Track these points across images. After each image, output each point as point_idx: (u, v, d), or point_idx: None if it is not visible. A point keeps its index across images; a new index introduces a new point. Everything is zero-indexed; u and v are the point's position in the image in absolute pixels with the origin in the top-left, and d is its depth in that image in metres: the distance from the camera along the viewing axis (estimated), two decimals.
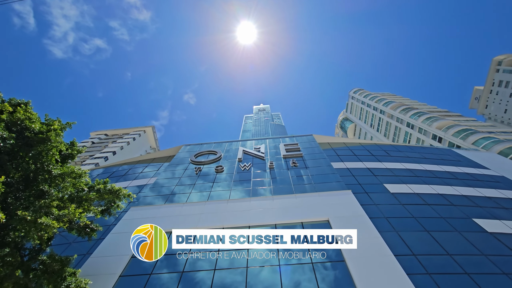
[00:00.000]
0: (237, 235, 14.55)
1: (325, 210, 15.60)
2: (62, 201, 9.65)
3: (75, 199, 10.38)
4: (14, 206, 8.04)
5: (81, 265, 12.86)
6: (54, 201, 8.66)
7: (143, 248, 11.95)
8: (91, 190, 11.02)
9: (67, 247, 15.60)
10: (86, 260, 13.64)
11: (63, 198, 9.84)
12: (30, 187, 9.25)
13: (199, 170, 23.06)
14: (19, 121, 9.11)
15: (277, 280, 11.39)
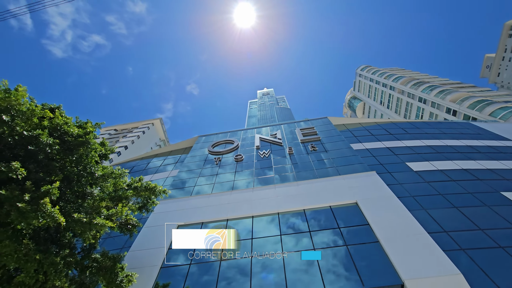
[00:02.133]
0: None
1: (352, 193, 15.74)
2: (104, 200, 9.95)
3: (115, 198, 10.69)
4: (65, 209, 8.35)
5: (121, 260, 13.37)
6: (102, 201, 8.95)
7: (216, 247, 13.23)
8: (129, 188, 11.31)
9: (101, 243, 16.22)
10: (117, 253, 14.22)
11: (105, 198, 10.13)
12: (71, 189, 9.54)
13: (218, 160, 23.30)
14: (58, 126, 9.28)
15: (315, 265, 11.70)
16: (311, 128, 26.51)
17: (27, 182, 7.02)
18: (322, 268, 11.47)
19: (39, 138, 8.00)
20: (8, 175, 6.63)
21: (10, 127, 7.54)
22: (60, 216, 7.12)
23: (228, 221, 15.49)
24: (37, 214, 6.71)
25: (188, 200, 17.96)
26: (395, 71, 73.45)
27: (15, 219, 6.61)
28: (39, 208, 6.74)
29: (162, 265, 13.24)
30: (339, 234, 13.19)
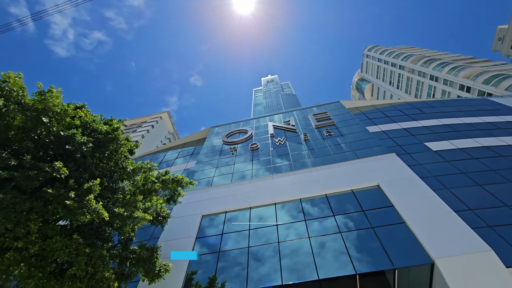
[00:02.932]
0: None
1: (372, 176, 15.75)
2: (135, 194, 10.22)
3: (145, 191, 10.97)
4: (106, 204, 8.63)
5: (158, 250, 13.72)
6: (138, 195, 9.22)
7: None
8: (157, 181, 11.56)
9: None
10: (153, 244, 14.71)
11: (135, 192, 10.40)
12: (105, 184, 9.82)
13: (234, 150, 23.47)
14: (88, 124, 9.47)
15: (342, 248, 11.90)
16: (324, 113, 26.31)
17: (70, 180, 7.26)
18: (351, 250, 11.67)
19: (74, 137, 8.20)
20: (52, 174, 6.87)
21: (47, 128, 7.73)
22: (104, 211, 7.38)
23: (251, 209, 15.77)
24: (83, 210, 6.98)
25: (209, 191, 18.27)
26: (404, 50, 71.46)
27: (63, 216, 6.89)
28: (85, 205, 7.00)
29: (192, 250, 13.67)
30: (364, 216, 13.32)
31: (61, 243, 6.90)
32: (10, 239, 6.59)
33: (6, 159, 6.47)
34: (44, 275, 6.85)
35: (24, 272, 6.48)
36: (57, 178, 7.42)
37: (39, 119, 7.34)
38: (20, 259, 6.64)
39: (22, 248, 6.78)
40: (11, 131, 7.14)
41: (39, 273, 6.67)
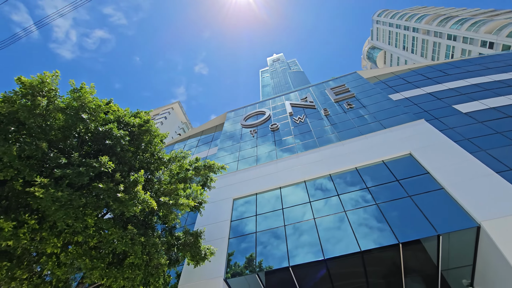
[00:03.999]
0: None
1: (403, 144, 15.32)
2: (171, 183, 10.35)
3: (180, 180, 11.10)
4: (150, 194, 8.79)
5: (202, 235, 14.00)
6: (179, 183, 9.36)
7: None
8: (191, 169, 11.66)
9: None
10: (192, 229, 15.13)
11: (171, 181, 10.52)
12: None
13: (254, 132, 23.35)
14: (120, 118, 9.51)
15: (381, 218, 11.81)
16: (342, 86, 25.52)
17: (117, 174, 7.39)
18: (390, 220, 11.56)
19: (111, 132, 8.26)
20: (100, 169, 6.99)
21: (86, 125, 7.81)
22: (153, 201, 7.52)
23: (282, 188, 15.82)
24: (134, 201, 7.12)
25: (236, 175, 18.41)
26: (417, 10, 67.47)
27: (116, 208, 7.06)
28: (135, 196, 7.13)
29: (229, 236, 14.00)
30: (399, 186, 13.09)
31: (117, 234, 7.12)
32: (70, 234, 6.84)
33: (56, 158, 6.61)
34: (105, 265, 7.14)
35: (88, 264, 6.76)
36: (103, 173, 7.56)
37: (79, 116, 7.40)
38: (81, 252, 6.92)
39: (82, 242, 7.04)
40: (54, 131, 7.25)
41: (101, 264, 6.95)
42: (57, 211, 6.06)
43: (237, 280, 12.10)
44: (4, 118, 6.39)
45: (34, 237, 6.42)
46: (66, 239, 6.84)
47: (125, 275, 7.19)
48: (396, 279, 11.93)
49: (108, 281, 7.12)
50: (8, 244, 6.18)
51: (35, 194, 5.84)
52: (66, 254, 6.72)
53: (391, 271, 11.92)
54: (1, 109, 6.33)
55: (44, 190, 5.81)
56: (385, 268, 11.93)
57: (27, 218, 6.06)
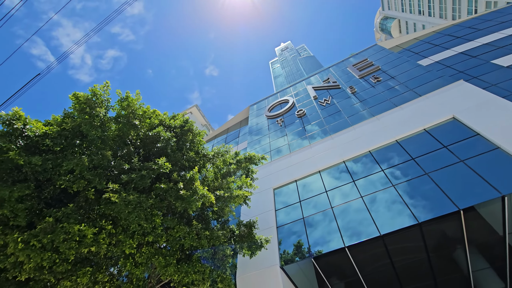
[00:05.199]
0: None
1: (444, 109, 14.53)
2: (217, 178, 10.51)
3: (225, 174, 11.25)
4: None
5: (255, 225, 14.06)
6: (229, 177, 9.52)
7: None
8: (233, 162, 11.80)
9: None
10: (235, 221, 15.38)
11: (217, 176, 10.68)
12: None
13: (281, 121, 23.21)
14: (163, 122, 9.78)
15: (435, 188, 11.33)
16: (364, 61, 24.61)
17: (174, 173, 7.62)
18: (446, 188, 11.05)
19: (159, 135, 8.52)
20: (160, 171, 7.24)
21: (137, 131, 8.11)
22: (211, 195, 7.69)
23: (321, 172, 15.64)
24: (195, 198, 7.32)
25: (272, 165, 18.43)
26: None
27: (178, 206, 7.29)
28: (195, 192, 7.33)
29: (277, 225, 14.08)
30: (447, 152, 12.45)
31: (183, 231, 7.37)
32: (140, 235, 7.15)
33: (120, 164, 6.94)
34: (177, 261, 7.42)
35: (162, 261, 7.04)
36: (160, 174, 7.82)
37: (131, 123, 7.71)
38: (153, 252, 7.23)
39: (152, 242, 7.34)
40: (110, 141, 7.60)
41: (173, 261, 7.22)
42: (130, 214, 6.36)
43: (292, 266, 12.18)
44: (69, 133, 6.79)
45: (111, 242, 6.78)
46: (138, 241, 7.17)
47: (196, 269, 7.43)
48: (459, 252, 11.43)
49: (179, 276, 7.40)
50: (91, 250, 6.58)
51: (111, 199, 6.18)
52: (140, 255, 7.05)
53: (453, 243, 11.44)
54: (66, 125, 6.73)
55: (117, 195, 6.12)
56: (447, 240, 11.47)
57: (104, 224, 6.42)
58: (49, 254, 5.85)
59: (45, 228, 5.61)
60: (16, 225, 6.16)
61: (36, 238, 5.59)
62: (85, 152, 6.89)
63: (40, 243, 5.65)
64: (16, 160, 5.72)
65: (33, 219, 6.29)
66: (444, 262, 11.98)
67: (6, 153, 5.88)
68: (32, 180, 6.32)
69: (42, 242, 5.64)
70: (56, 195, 6.95)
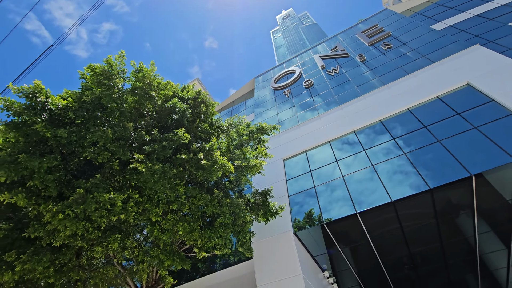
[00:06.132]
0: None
1: (458, 75, 14.19)
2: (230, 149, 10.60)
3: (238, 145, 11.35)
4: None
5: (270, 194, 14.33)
6: (238, 149, 9.65)
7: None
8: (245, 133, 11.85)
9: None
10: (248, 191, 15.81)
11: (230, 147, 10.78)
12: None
13: (289, 93, 22.89)
14: (176, 94, 9.69)
15: (446, 154, 11.40)
16: (374, 27, 23.62)
17: (193, 144, 7.71)
18: (458, 155, 11.13)
19: (175, 106, 8.50)
20: (180, 141, 7.32)
21: (153, 103, 8.09)
22: (231, 164, 7.84)
23: (331, 142, 15.70)
24: (215, 167, 7.46)
25: (281, 136, 18.49)
26: None
27: (200, 176, 7.46)
28: (215, 162, 7.46)
29: (288, 194, 14.46)
30: (461, 119, 12.36)
31: (205, 199, 7.61)
32: (165, 204, 7.41)
33: (141, 136, 7.02)
34: (200, 228, 7.74)
35: (186, 227, 7.35)
36: (180, 145, 7.92)
37: (148, 95, 7.66)
38: (178, 219, 7.52)
39: (176, 210, 7.61)
40: (129, 113, 7.60)
41: (197, 227, 7.54)
42: (156, 183, 6.55)
43: (304, 232, 12.71)
44: (90, 105, 6.79)
45: (138, 210, 7.04)
46: (163, 209, 7.44)
47: (218, 234, 7.78)
48: (467, 217, 11.78)
49: (203, 241, 7.77)
50: (120, 218, 6.86)
51: (136, 169, 6.33)
52: (166, 222, 7.35)
53: (462, 209, 11.77)
54: (86, 97, 6.70)
55: (144, 165, 6.26)
56: (456, 205, 11.78)
57: (131, 193, 6.63)
58: (83, 223, 6.13)
59: (77, 199, 5.82)
60: (48, 196, 6.39)
61: (70, 208, 5.82)
62: (105, 124, 6.93)
63: (74, 213, 5.90)
64: (43, 133, 5.79)
65: (63, 189, 6.50)
66: (451, 226, 12.42)
67: (32, 126, 5.94)
68: (58, 152, 6.44)
69: (75, 212, 5.87)
70: (81, 167, 7.11)
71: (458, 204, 11.80)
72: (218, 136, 10.41)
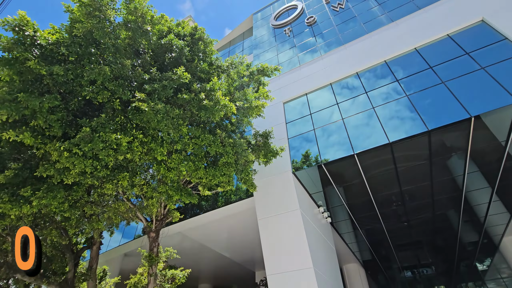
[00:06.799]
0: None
1: (473, 10, 13.19)
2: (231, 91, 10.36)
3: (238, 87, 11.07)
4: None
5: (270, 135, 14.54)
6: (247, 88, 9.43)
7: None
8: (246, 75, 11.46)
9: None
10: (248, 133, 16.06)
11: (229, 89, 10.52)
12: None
13: (289, 31, 21.45)
14: (171, 29, 9.04)
15: (448, 95, 11.30)
16: None
17: (194, 84, 7.48)
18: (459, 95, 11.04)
19: (172, 43, 7.99)
20: (180, 81, 7.08)
21: (148, 38, 7.57)
22: (233, 105, 7.75)
23: (332, 84, 15.35)
24: (217, 107, 7.39)
25: (280, 78, 17.96)
26: None
27: (202, 116, 7.44)
28: (218, 102, 7.35)
29: (288, 136, 14.71)
30: (469, 59, 11.90)
31: (208, 139, 7.72)
32: (168, 144, 7.52)
33: (140, 74, 6.75)
34: (204, 167, 8.02)
35: (192, 166, 7.60)
36: (180, 85, 7.69)
37: (143, 29, 7.12)
38: (182, 158, 7.73)
39: (181, 149, 7.77)
40: (123, 49, 7.16)
41: (202, 165, 7.81)
42: (159, 123, 6.55)
43: (302, 172, 13.32)
44: (82, 40, 6.33)
45: (143, 150, 7.18)
46: (167, 149, 7.59)
47: (222, 172, 8.11)
48: (459, 158, 12.24)
49: (207, 178, 8.13)
50: (126, 157, 7.03)
51: (139, 108, 6.26)
52: (171, 161, 7.56)
53: (456, 150, 12.16)
54: (77, 31, 6.19)
55: (146, 104, 6.16)
56: (451, 147, 12.15)
57: (136, 133, 6.67)
58: (91, 161, 6.29)
59: (84, 137, 5.85)
60: (53, 136, 6.42)
61: (78, 147, 5.90)
62: (101, 62, 6.57)
63: (81, 151, 6.00)
64: (37, 70, 5.51)
65: (67, 129, 6.50)
66: (443, 166, 13.02)
67: (24, 63, 5.62)
68: (56, 92, 6.24)
69: (83, 150, 5.97)
70: (81, 108, 6.99)
71: (453, 146, 12.19)
72: (218, 77, 10.06)
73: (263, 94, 9.60)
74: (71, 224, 8.73)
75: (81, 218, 9.11)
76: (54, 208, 7.28)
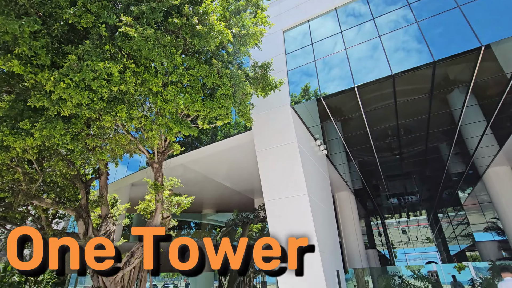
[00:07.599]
0: None
1: None
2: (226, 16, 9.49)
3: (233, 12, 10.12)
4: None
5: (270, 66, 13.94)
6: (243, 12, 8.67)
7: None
8: None
9: None
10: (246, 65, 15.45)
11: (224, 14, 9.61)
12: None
13: None
14: None
15: (463, 23, 10.46)
16: None
17: (185, 7, 6.80)
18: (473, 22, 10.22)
19: None
20: (170, 3, 6.41)
21: None
22: (229, 31, 7.21)
23: (337, 9, 14.04)
24: (212, 34, 6.88)
25: (280, 3, 16.32)
26: None
27: (196, 43, 6.99)
28: (212, 28, 6.82)
29: (287, 68, 14.18)
30: None
31: (204, 70, 7.41)
32: (163, 75, 7.25)
33: None
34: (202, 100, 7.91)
35: (189, 98, 7.49)
36: (170, 8, 7.01)
37: None
38: (178, 90, 7.55)
39: (176, 81, 7.54)
40: None
41: (199, 97, 7.69)
42: (151, 51, 6.18)
43: (301, 105, 13.26)
44: None
45: (137, 81, 6.96)
46: (162, 80, 7.36)
47: (220, 104, 8.03)
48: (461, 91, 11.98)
49: (205, 111, 8.11)
50: (120, 89, 6.86)
51: (127, 34, 5.83)
52: (167, 93, 7.41)
53: (459, 83, 11.83)
54: None
55: (134, 29, 5.71)
56: (454, 79, 11.80)
57: (127, 62, 6.36)
58: (86, 93, 6.15)
59: (72, 66, 5.58)
60: (42, 65, 6.13)
61: (68, 77, 5.68)
62: None
63: (73, 82, 5.81)
64: None
65: (54, 58, 6.17)
66: (443, 100, 12.90)
67: None
68: (34, 14, 5.70)
69: (74, 80, 5.77)
70: (65, 34, 6.50)
71: (456, 79, 11.85)
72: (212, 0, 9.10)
73: (262, 19, 8.82)
74: (76, 156, 9.04)
75: (85, 150, 9.39)
76: (57, 141, 7.43)
